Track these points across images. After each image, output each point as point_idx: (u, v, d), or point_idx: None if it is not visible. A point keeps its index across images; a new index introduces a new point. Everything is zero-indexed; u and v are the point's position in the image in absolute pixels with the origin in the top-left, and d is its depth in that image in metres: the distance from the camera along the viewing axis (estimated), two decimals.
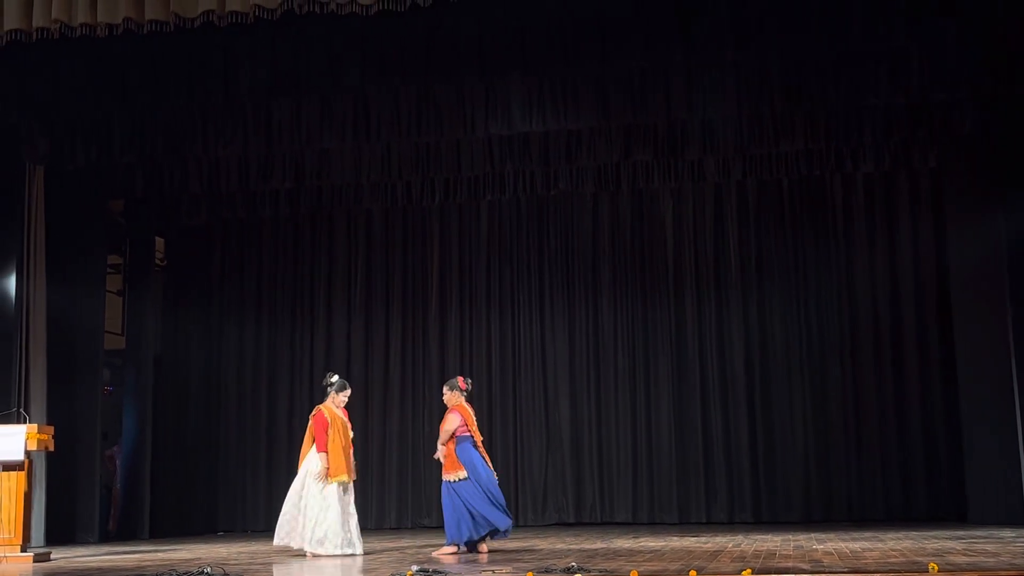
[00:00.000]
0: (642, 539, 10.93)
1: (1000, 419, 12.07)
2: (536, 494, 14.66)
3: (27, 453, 9.58)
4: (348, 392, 10.24)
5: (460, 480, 9.61)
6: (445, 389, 10.06)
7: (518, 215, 15.34)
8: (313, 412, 10.13)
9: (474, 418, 9.92)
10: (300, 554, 9.79)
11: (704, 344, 14.62)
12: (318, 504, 9.77)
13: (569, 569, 7.01)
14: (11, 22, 8.48)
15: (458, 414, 9.77)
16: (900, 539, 9.86)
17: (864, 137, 12.40)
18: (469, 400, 10.04)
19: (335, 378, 10.21)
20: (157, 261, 15.52)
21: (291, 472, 15.07)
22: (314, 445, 9.87)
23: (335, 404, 10.08)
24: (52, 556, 9.96)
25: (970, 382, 12.73)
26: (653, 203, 14.97)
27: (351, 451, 10.10)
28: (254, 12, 8.28)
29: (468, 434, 9.77)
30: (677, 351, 14.67)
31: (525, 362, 15.06)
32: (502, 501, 9.73)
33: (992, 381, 12.30)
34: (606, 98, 11.39)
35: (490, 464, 9.84)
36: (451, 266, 15.44)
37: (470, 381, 10.23)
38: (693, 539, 10.77)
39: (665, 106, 11.37)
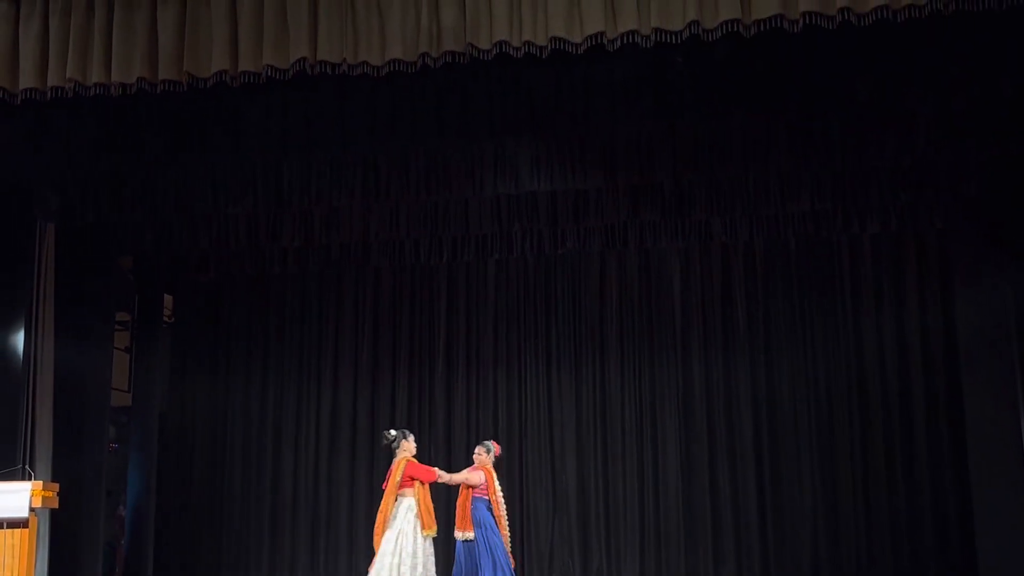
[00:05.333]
0: None
1: (1011, 482, 11.97)
2: (542, 556, 14.51)
3: (32, 510, 9.52)
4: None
5: (467, 540, 9.58)
6: (480, 449, 10.18)
7: (525, 274, 15.34)
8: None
9: (496, 485, 9.93)
10: None
11: (712, 405, 14.54)
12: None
13: None
14: (26, 81, 8.56)
15: (483, 473, 9.81)
16: None
17: (871, 198, 12.44)
18: (496, 467, 10.11)
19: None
20: (165, 318, 15.56)
21: (296, 531, 15.13)
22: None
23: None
24: None
25: (980, 443, 12.62)
26: (661, 263, 14.98)
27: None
28: (266, 72, 8.37)
29: (485, 496, 9.78)
30: (685, 412, 14.58)
31: (531, 422, 14.98)
32: (508, 570, 9.66)
33: (1002, 443, 12.21)
34: (613, 158, 11.46)
35: (504, 531, 9.81)
36: (458, 324, 15.42)
37: (499, 448, 10.42)
38: None
39: (672, 166, 11.45)
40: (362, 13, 8.23)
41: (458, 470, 11.69)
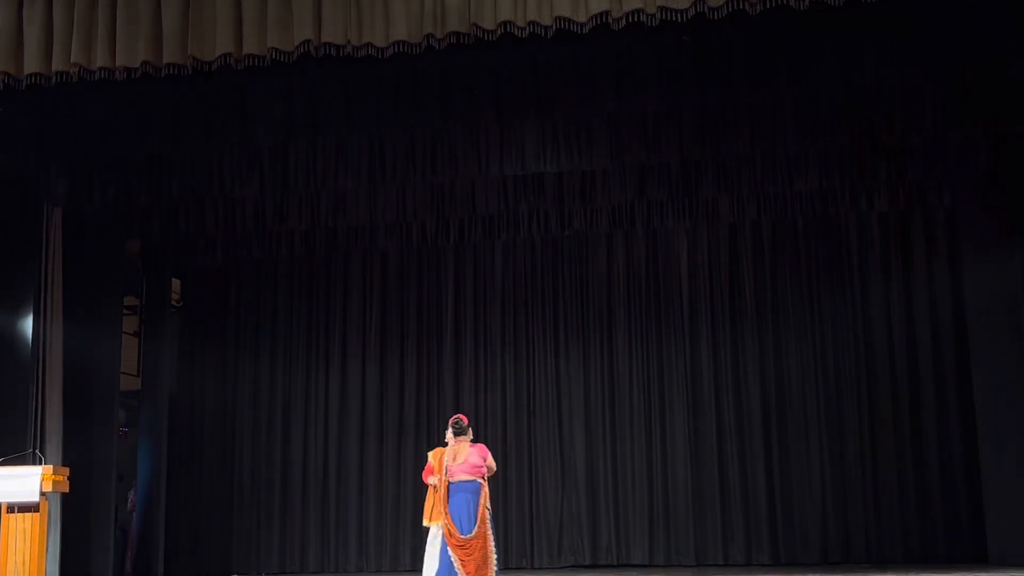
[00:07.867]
0: None
1: (1020, 460, 11.96)
2: (551, 535, 14.54)
3: (42, 494, 9.56)
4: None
5: None
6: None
7: (533, 255, 15.31)
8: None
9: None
10: None
11: (720, 384, 14.53)
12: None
13: None
14: (31, 66, 8.57)
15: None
16: None
17: (878, 176, 12.39)
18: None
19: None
20: (173, 302, 15.58)
21: (306, 512, 15.18)
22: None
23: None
24: None
25: (989, 422, 12.61)
26: (668, 242, 14.94)
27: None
28: (271, 55, 8.36)
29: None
30: (693, 391, 14.57)
31: (540, 402, 14.98)
32: None
33: (1011, 421, 12.21)
34: (620, 138, 11.42)
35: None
36: (466, 306, 15.40)
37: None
38: None
39: (678, 146, 11.41)
40: None
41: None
